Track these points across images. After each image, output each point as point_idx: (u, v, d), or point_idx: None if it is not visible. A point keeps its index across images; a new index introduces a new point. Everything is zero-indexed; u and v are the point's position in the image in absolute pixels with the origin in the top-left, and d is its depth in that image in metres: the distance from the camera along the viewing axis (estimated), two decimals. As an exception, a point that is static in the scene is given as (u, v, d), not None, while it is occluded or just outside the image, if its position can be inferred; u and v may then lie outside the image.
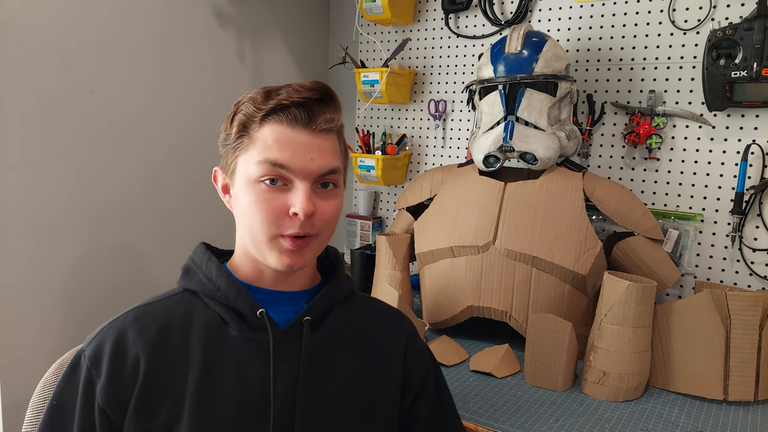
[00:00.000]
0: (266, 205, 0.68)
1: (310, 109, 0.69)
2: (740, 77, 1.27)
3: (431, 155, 1.90)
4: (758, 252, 1.39)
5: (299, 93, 0.69)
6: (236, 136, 0.71)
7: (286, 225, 0.69)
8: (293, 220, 0.68)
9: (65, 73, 1.32)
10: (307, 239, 0.70)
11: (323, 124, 0.70)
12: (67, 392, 0.68)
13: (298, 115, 0.69)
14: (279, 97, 0.69)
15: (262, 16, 1.83)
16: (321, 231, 0.71)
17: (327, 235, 0.74)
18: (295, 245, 0.69)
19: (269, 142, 0.68)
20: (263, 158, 0.68)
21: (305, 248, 0.70)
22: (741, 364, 1.10)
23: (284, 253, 0.70)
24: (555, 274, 1.25)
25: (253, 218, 0.69)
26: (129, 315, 0.71)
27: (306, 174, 0.69)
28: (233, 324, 0.71)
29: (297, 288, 0.77)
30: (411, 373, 0.80)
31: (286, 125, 0.69)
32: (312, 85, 0.70)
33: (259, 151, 0.69)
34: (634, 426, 1.02)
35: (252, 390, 0.69)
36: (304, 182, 0.69)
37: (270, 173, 0.68)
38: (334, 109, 0.72)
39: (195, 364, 0.68)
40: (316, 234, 0.71)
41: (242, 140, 0.71)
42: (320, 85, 0.71)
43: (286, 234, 0.69)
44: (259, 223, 0.69)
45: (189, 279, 0.75)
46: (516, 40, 1.37)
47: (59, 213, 1.34)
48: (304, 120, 0.69)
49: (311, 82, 0.71)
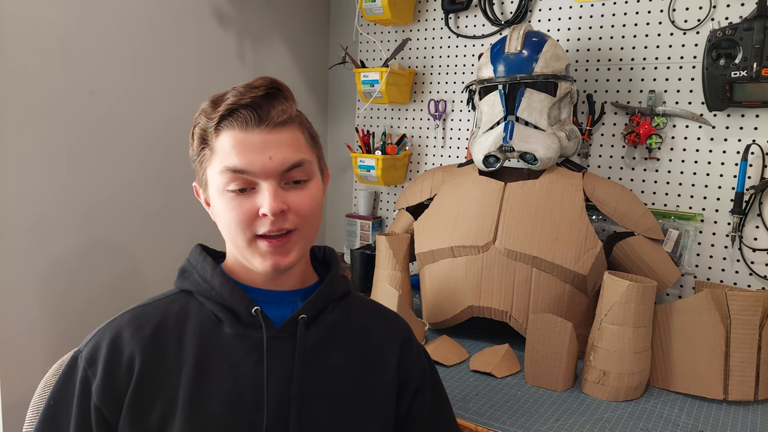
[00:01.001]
0: (237, 211, 0.69)
1: (259, 107, 0.69)
2: (740, 77, 1.27)
3: (431, 155, 1.90)
4: (758, 252, 1.39)
5: (245, 94, 0.69)
6: (199, 150, 0.72)
7: (259, 226, 0.69)
8: (264, 220, 0.69)
9: (65, 73, 1.32)
10: (286, 236, 0.70)
11: (276, 118, 0.69)
12: (63, 392, 0.69)
13: (248, 117, 0.68)
14: (226, 102, 0.69)
15: (263, 16, 1.83)
16: (299, 225, 0.71)
17: (309, 228, 0.73)
18: (272, 245, 0.69)
19: (227, 149, 0.69)
20: (224, 167, 0.68)
21: (287, 245, 0.70)
22: (741, 363, 1.10)
23: (265, 255, 0.70)
24: (555, 274, 1.25)
25: (229, 226, 0.70)
26: (125, 316, 0.72)
27: (267, 173, 0.68)
28: (227, 322, 0.71)
29: (291, 287, 0.77)
30: (406, 375, 0.80)
31: (238, 129, 0.69)
32: (257, 83, 0.70)
33: (220, 160, 0.69)
34: (634, 426, 1.02)
35: (246, 387, 0.69)
36: (268, 181, 0.68)
37: (233, 180, 0.68)
38: (284, 100, 0.71)
39: (189, 362, 0.69)
40: (294, 229, 0.70)
41: (204, 152, 0.71)
42: (265, 80, 0.70)
43: (260, 234, 0.69)
44: (235, 229, 0.70)
45: (185, 280, 0.75)
46: (516, 40, 1.37)
47: (59, 213, 1.34)
48: (255, 120, 0.69)
49: (256, 79, 0.71)
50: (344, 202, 2.14)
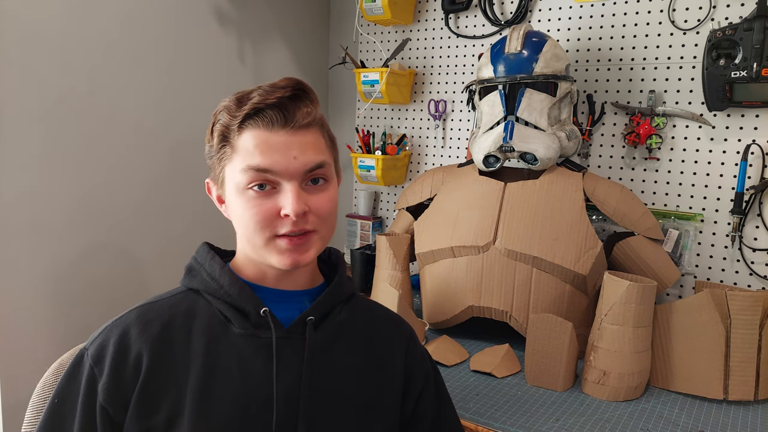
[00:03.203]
0: (257, 210, 0.68)
1: (285, 108, 0.69)
2: (740, 77, 1.27)
3: (431, 155, 1.90)
4: (758, 252, 1.39)
5: (271, 94, 0.68)
6: (218, 147, 0.72)
7: (279, 226, 0.69)
8: (286, 221, 0.68)
9: (65, 73, 1.32)
10: (305, 236, 0.70)
11: (301, 120, 0.69)
12: (68, 390, 0.68)
13: (273, 117, 0.68)
14: (252, 101, 0.69)
15: (263, 16, 1.83)
16: (318, 227, 0.71)
17: (327, 230, 0.73)
18: (293, 243, 0.69)
19: (250, 148, 0.68)
20: (246, 165, 0.68)
21: (305, 245, 0.70)
22: (741, 363, 1.10)
23: (284, 253, 0.70)
24: (555, 274, 1.25)
25: (248, 225, 0.70)
26: (132, 313, 0.71)
27: (291, 174, 0.68)
28: (236, 321, 0.71)
29: (299, 287, 0.77)
30: (411, 377, 0.81)
31: (263, 129, 0.69)
32: (283, 83, 0.70)
33: (242, 158, 0.69)
34: (634, 426, 1.03)
35: (255, 387, 0.69)
36: (291, 182, 0.68)
37: (255, 179, 0.68)
38: (309, 102, 0.71)
39: (196, 361, 0.68)
40: (313, 230, 0.71)
41: (225, 150, 0.71)
42: (291, 81, 0.70)
43: (281, 234, 0.69)
44: (254, 229, 0.69)
45: (192, 278, 0.75)
46: (516, 40, 1.37)
47: (59, 213, 1.34)
48: (281, 120, 0.69)
49: (282, 79, 0.71)
50: (344, 202, 2.14)
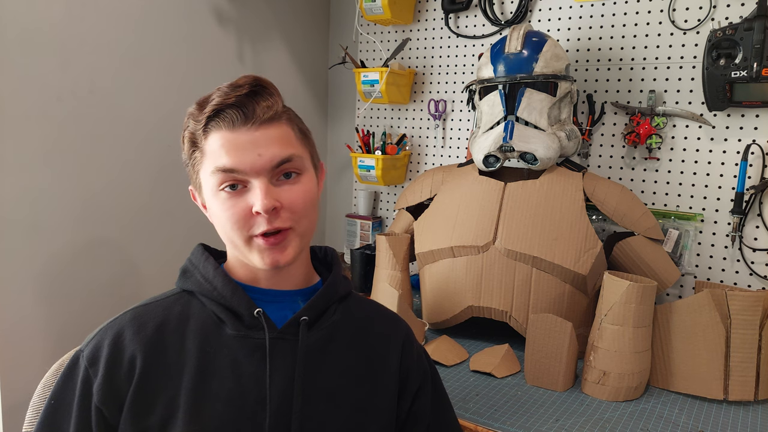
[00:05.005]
0: (232, 210, 0.69)
1: (244, 105, 0.69)
2: (740, 77, 1.27)
3: (431, 155, 1.90)
4: (758, 252, 1.39)
5: (230, 94, 0.69)
6: (189, 153, 0.73)
7: (255, 225, 0.69)
8: (260, 219, 0.69)
9: (65, 73, 1.32)
10: (281, 234, 0.70)
11: (262, 115, 0.70)
12: (64, 392, 0.69)
13: (234, 116, 0.69)
14: (211, 104, 0.69)
15: (262, 16, 1.83)
16: (294, 223, 0.71)
17: (305, 226, 0.73)
18: (269, 243, 0.69)
19: (216, 150, 0.69)
20: (215, 167, 0.69)
21: (282, 243, 0.70)
22: (741, 363, 1.10)
23: (263, 252, 0.70)
24: (555, 274, 1.25)
25: (225, 226, 0.70)
26: (126, 315, 0.72)
27: (258, 171, 0.69)
28: (229, 323, 0.71)
29: (293, 287, 0.77)
30: (407, 376, 0.80)
31: (226, 129, 0.69)
32: (242, 81, 0.70)
33: (211, 161, 0.70)
34: (634, 426, 1.02)
35: (248, 388, 0.69)
36: (259, 179, 0.69)
37: (225, 180, 0.69)
38: (269, 96, 0.71)
39: (190, 362, 0.69)
40: (289, 228, 0.71)
41: (195, 155, 0.72)
42: (249, 78, 0.71)
43: (257, 233, 0.69)
44: (231, 229, 0.70)
45: (186, 279, 0.76)
46: (516, 40, 1.37)
47: (58, 213, 1.34)
48: (242, 118, 0.69)
49: (240, 78, 0.71)
50: (344, 202, 2.14)
